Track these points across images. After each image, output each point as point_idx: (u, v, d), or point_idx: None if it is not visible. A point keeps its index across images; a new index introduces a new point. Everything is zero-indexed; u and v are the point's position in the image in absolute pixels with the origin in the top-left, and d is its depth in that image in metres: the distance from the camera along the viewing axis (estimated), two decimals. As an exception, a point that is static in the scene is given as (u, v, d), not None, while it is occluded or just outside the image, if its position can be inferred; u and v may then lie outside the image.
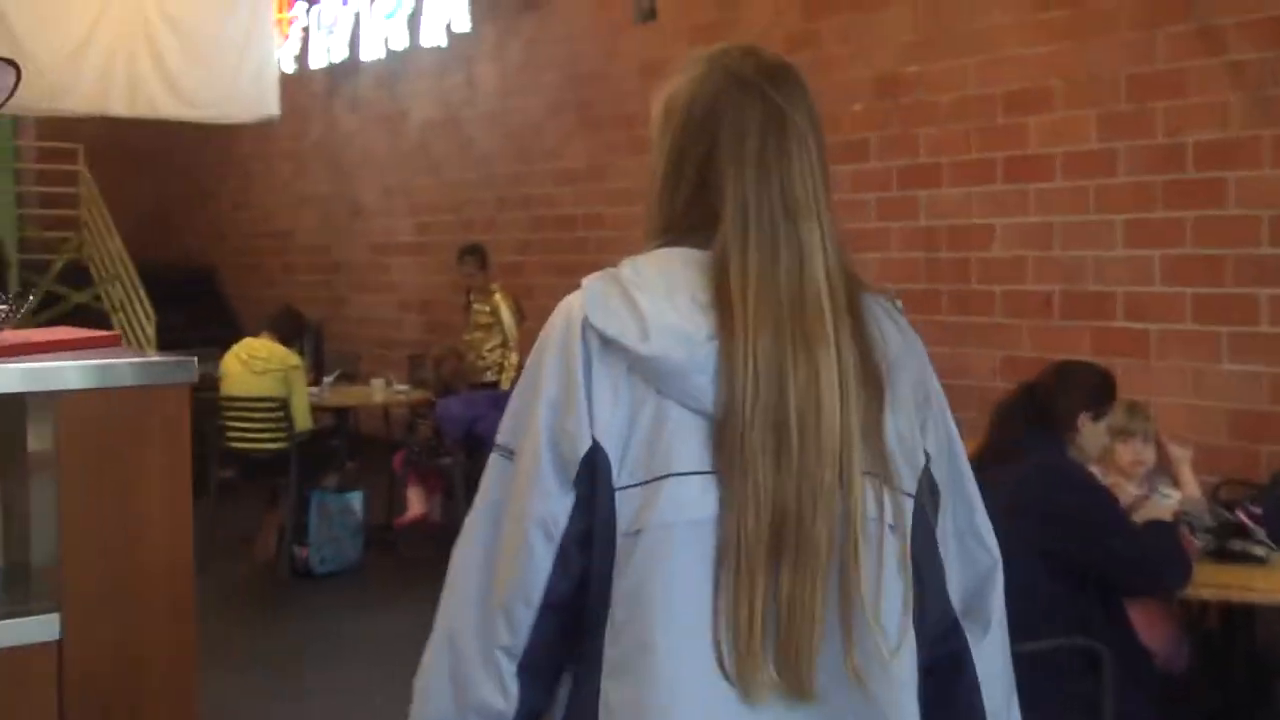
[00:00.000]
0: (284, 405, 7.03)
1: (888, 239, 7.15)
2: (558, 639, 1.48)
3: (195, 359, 2.26)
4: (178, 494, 2.27)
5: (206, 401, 7.30)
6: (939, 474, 1.54)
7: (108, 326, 12.84)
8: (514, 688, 1.47)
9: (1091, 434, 3.53)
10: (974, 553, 1.59)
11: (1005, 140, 6.57)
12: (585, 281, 1.51)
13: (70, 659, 2.16)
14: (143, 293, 12.64)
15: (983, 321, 6.69)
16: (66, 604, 2.16)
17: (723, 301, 1.44)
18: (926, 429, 1.53)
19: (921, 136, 6.97)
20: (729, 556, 1.39)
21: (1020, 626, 3.24)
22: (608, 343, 1.45)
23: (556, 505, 1.45)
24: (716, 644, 1.40)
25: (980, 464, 3.53)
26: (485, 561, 1.49)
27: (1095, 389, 3.57)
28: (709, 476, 1.41)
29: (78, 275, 13.41)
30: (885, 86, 7.17)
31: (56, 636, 2.15)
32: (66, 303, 13.15)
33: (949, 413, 1.58)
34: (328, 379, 8.29)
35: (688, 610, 1.40)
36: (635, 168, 8.54)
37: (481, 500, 1.53)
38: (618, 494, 1.43)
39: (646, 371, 1.44)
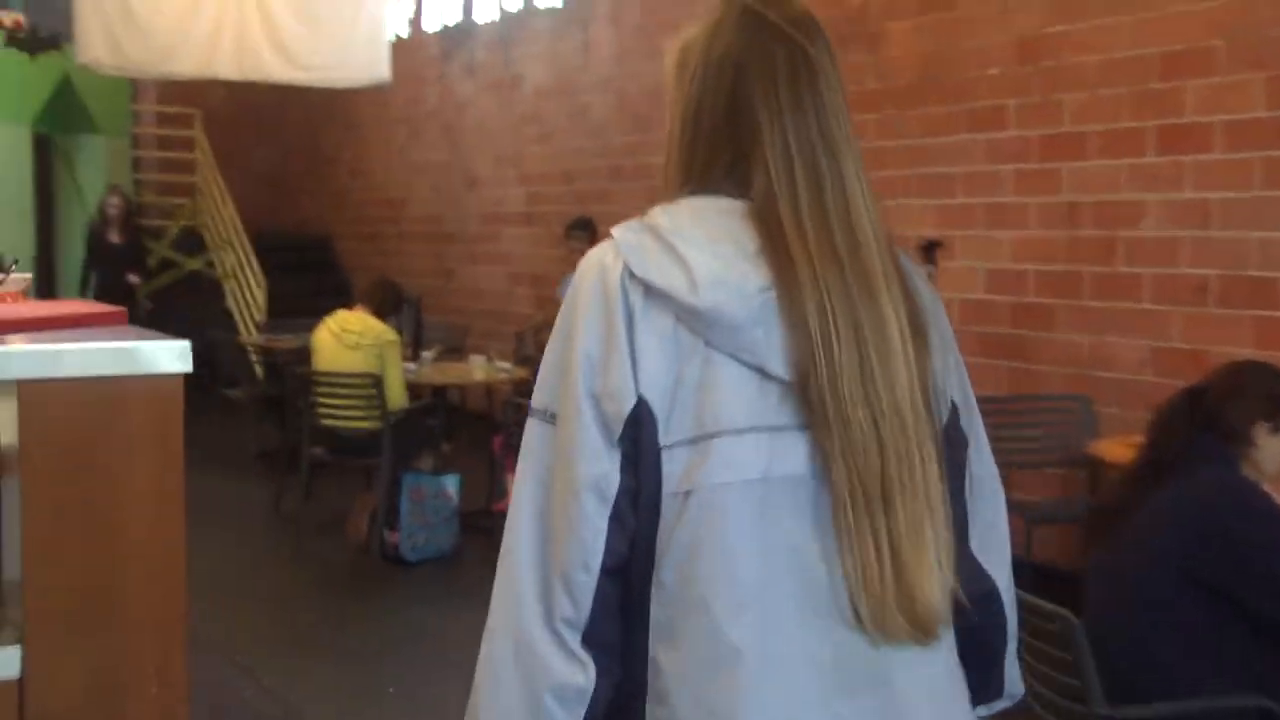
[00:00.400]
0: (377, 382, 6.71)
1: (1025, 215, 6.61)
2: (616, 606, 1.44)
3: (189, 343, 1.90)
4: (168, 504, 1.93)
5: (300, 376, 7.04)
6: (965, 424, 1.55)
7: (219, 294, 12.80)
8: (588, 659, 1.42)
9: (1270, 448, 3.01)
10: (988, 494, 1.58)
11: (1160, 107, 5.98)
12: (615, 231, 1.47)
13: (33, 701, 1.87)
14: (255, 261, 12.53)
15: (1129, 308, 6.12)
16: (30, 635, 1.87)
17: (777, 247, 1.42)
18: (951, 379, 1.53)
19: (1066, 103, 6.41)
20: (844, 506, 1.38)
21: (1182, 677, 2.83)
22: (652, 293, 1.41)
23: (606, 464, 1.41)
24: (849, 596, 1.38)
25: (1138, 477, 3.09)
26: (538, 532, 1.45)
27: (1276, 395, 3.04)
28: (762, 434, 1.39)
29: (192, 242, 13.41)
30: (1026, 49, 6.62)
31: (16, 674, 1.85)
32: (180, 269, 13.16)
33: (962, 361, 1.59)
34: (426, 354, 7.97)
35: (748, 570, 1.38)
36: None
37: (526, 468, 1.48)
38: (664, 452, 1.40)
39: (697, 324, 1.40)
